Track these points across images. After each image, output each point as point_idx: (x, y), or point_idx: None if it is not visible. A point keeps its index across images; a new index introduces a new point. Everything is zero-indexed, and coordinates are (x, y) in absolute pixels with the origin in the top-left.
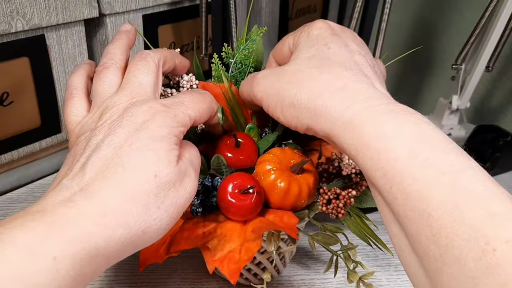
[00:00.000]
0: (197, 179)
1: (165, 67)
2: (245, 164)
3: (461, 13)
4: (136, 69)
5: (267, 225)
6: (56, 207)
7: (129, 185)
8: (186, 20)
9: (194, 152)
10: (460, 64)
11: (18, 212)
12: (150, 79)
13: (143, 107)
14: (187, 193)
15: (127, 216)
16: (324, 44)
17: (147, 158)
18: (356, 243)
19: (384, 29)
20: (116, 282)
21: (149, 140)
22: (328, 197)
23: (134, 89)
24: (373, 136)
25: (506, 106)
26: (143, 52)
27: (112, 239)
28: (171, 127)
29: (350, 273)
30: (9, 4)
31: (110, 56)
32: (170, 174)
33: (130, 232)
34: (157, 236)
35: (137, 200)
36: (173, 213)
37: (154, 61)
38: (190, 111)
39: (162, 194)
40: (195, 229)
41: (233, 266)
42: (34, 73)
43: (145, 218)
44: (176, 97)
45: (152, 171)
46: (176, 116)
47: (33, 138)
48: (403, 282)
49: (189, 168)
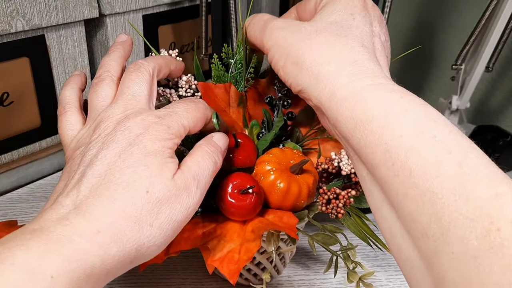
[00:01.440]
0: (201, 193)
1: (160, 76)
2: (245, 164)
3: (461, 13)
4: (130, 80)
5: (266, 225)
6: (52, 225)
7: (121, 201)
8: (186, 20)
9: (204, 164)
10: (460, 64)
11: (17, 213)
12: (144, 90)
13: (136, 119)
14: (185, 209)
15: (119, 233)
16: (351, 14)
17: (139, 174)
18: (356, 243)
19: None
20: (116, 282)
21: (142, 155)
22: (327, 197)
23: (128, 101)
24: (378, 111)
25: (506, 106)
26: (137, 63)
27: (108, 257)
28: (165, 139)
29: (350, 273)
30: (9, 4)
31: (106, 68)
32: (163, 190)
33: (123, 250)
34: (151, 254)
35: (128, 217)
36: (168, 231)
37: (148, 71)
38: (184, 120)
39: (155, 211)
40: (195, 229)
41: (232, 266)
42: (34, 73)
43: (137, 236)
44: (170, 107)
45: (143, 187)
46: (170, 128)
47: (33, 138)
48: (403, 282)
49: (190, 182)
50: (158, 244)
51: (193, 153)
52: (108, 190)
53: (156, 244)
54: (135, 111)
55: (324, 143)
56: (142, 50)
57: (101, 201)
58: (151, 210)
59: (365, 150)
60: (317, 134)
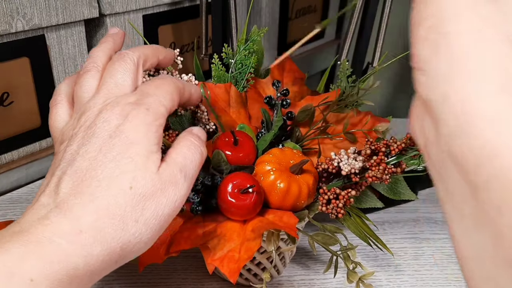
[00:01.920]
0: (188, 185)
1: (146, 65)
2: (244, 161)
3: None
4: (113, 70)
5: (266, 224)
6: (33, 226)
7: (103, 199)
8: (186, 20)
9: (190, 155)
10: None
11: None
12: (127, 79)
13: (115, 109)
14: (172, 203)
15: (102, 232)
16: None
17: (122, 168)
18: (356, 243)
19: (384, 29)
20: (116, 282)
21: (124, 146)
22: (327, 197)
23: (110, 90)
24: None
25: None
26: (121, 52)
27: (91, 257)
28: (147, 124)
29: (349, 273)
30: (9, 4)
31: (92, 60)
32: (147, 185)
33: (108, 249)
34: (138, 251)
35: (112, 214)
36: (155, 226)
37: (132, 60)
38: (160, 98)
39: (139, 207)
40: (195, 229)
41: (233, 266)
42: (34, 73)
43: (122, 234)
44: (139, 91)
45: (127, 182)
46: (149, 109)
47: (33, 138)
48: (403, 282)
49: (175, 174)
50: (145, 240)
51: (177, 145)
52: (90, 187)
53: (143, 240)
54: (113, 101)
55: (324, 143)
56: None
57: (82, 199)
58: (136, 206)
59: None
60: (317, 134)
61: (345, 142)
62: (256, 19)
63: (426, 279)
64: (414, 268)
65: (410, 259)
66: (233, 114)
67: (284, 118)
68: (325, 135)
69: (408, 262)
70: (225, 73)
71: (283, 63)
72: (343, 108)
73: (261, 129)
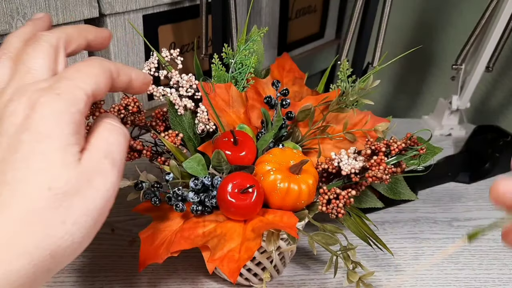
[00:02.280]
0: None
1: (72, 47)
2: (244, 161)
3: (461, 13)
4: (25, 54)
5: (266, 224)
6: None
7: (19, 206)
8: (186, 20)
9: (113, 138)
10: (460, 64)
11: None
12: (42, 64)
13: (22, 99)
14: (102, 192)
15: (21, 244)
16: None
17: (35, 168)
18: (356, 243)
19: (384, 29)
20: (116, 282)
21: (35, 141)
22: (328, 197)
23: (22, 78)
24: None
25: (506, 106)
26: (36, 34)
27: (11, 273)
28: (59, 112)
29: (349, 273)
30: (9, 4)
31: (4, 46)
32: (69, 181)
33: (33, 260)
34: (73, 253)
35: (32, 222)
36: (88, 223)
37: (49, 42)
38: (79, 82)
39: (64, 207)
40: (195, 229)
41: (233, 265)
42: None
43: (48, 240)
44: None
45: (43, 183)
46: (60, 95)
47: None
48: (402, 282)
49: (100, 162)
50: (79, 241)
51: (94, 129)
52: (2, 195)
53: (76, 241)
54: (21, 89)
55: (324, 143)
56: (142, 50)
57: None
58: (59, 207)
59: None
60: (317, 134)
61: (345, 142)
62: (256, 19)
63: (426, 279)
64: (414, 268)
65: (410, 259)
66: (233, 114)
67: (284, 118)
68: (325, 135)
69: (408, 262)
70: (225, 73)
71: (283, 63)
72: (343, 108)
73: (261, 129)
